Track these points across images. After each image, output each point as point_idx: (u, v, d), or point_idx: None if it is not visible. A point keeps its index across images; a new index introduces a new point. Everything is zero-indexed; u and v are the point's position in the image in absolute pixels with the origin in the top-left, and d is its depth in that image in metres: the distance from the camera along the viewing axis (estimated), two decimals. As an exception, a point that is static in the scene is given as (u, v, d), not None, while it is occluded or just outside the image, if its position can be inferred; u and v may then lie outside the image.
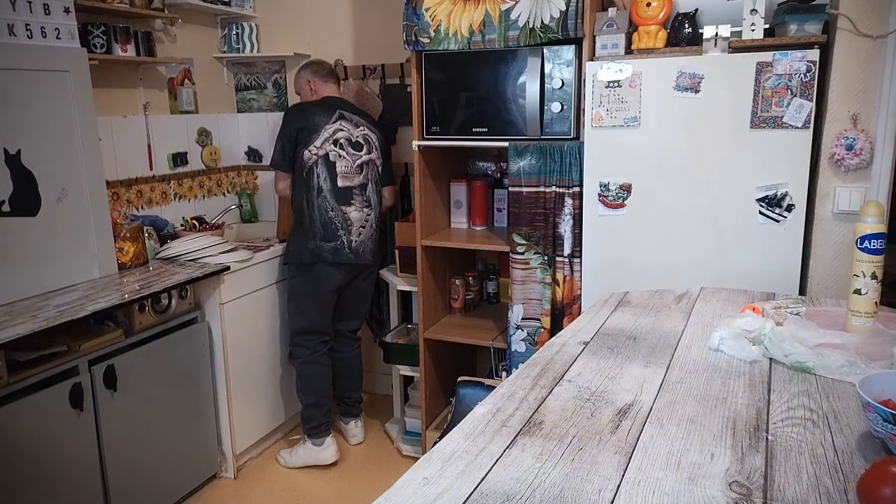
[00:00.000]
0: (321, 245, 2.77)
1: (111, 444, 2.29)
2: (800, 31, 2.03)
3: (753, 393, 1.20)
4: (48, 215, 2.31)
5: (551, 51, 2.36)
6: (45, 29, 2.27)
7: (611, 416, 1.12)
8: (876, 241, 1.35)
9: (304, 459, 2.96)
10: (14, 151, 2.20)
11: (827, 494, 0.88)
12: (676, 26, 2.23)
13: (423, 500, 0.89)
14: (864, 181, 2.03)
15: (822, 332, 1.36)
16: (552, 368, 1.34)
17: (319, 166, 2.76)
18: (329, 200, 2.77)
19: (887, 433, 0.96)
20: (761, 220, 2.09)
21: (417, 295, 2.84)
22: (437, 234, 2.88)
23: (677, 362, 1.36)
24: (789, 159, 2.03)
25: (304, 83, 2.93)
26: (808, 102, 1.98)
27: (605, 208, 2.28)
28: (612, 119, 2.21)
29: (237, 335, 2.82)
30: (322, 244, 2.77)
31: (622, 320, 1.64)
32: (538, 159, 2.40)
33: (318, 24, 3.42)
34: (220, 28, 3.48)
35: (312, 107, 2.82)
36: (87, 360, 2.20)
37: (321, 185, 2.76)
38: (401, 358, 3.04)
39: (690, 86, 2.10)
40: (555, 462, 0.98)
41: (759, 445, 1.01)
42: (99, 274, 2.51)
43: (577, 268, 2.41)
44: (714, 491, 0.89)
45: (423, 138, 2.64)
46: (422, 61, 2.56)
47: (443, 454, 1.02)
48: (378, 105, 3.35)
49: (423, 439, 2.92)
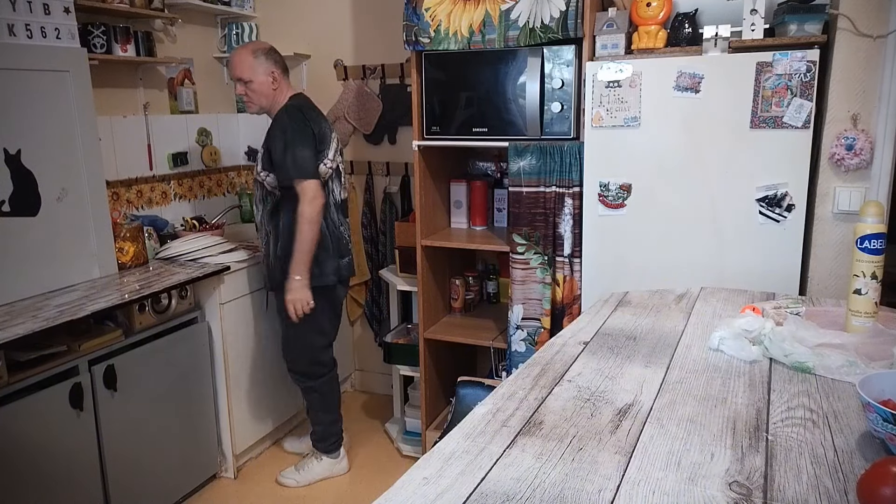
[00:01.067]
0: (339, 263, 2.63)
1: (111, 444, 2.29)
2: (800, 31, 2.03)
3: (753, 393, 1.20)
4: (48, 215, 2.31)
5: (551, 51, 2.36)
6: (45, 29, 2.27)
7: (611, 416, 1.12)
8: (876, 241, 1.35)
9: (319, 475, 2.84)
10: (14, 151, 2.19)
11: (827, 494, 0.88)
12: (676, 26, 2.23)
13: (423, 500, 0.89)
14: (864, 181, 2.03)
15: (822, 332, 1.36)
16: (552, 368, 1.34)
17: (334, 180, 2.59)
18: (338, 215, 2.64)
19: (887, 433, 0.96)
20: (761, 220, 2.08)
21: (417, 295, 2.84)
22: (437, 234, 2.88)
23: (677, 362, 1.36)
24: (789, 159, 2.03)
25: (267, 73, 2.49)
26: (808, 102, 1.98)
27: (605, 208, 2.28)
28: (612, 119, 2.21)
29: (237, 335, 2.82)
30: (340, 262, 2.63)
31: (622, 320, 1.64)
32: (538, 159, 2.40)
33: (318, 24, 3.42)
34: (220, 28, 3.48)
35: (313, 111, 2.57)
36: (87, 360, 2.20)
37: (335, 199, 2.60)
38: (401, 358, 3.04)
39: (690, 86, 2.10)
40: (555, 462, 0.98)
41: (759, 445, 1.01)
42: (99, 274, 2.51)
43: (577, 268, 2.41)
44: (714, 491, 0.89)
45: (423, 138, 2.64)
46: (422, 61, 2.56)
47: (443, 454, 1.02)
48: (378, 105, 3.35)
49: (423, 439, 2.92)
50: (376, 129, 3.38)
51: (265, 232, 2.59)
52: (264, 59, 2.49)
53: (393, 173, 3.40)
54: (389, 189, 3.42)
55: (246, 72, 2.47)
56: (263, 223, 2.59)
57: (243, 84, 2.49)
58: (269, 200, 2.55)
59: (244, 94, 2.50)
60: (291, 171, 2.41)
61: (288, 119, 2.45)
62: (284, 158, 2.41)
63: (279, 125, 2.45)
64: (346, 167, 2.75)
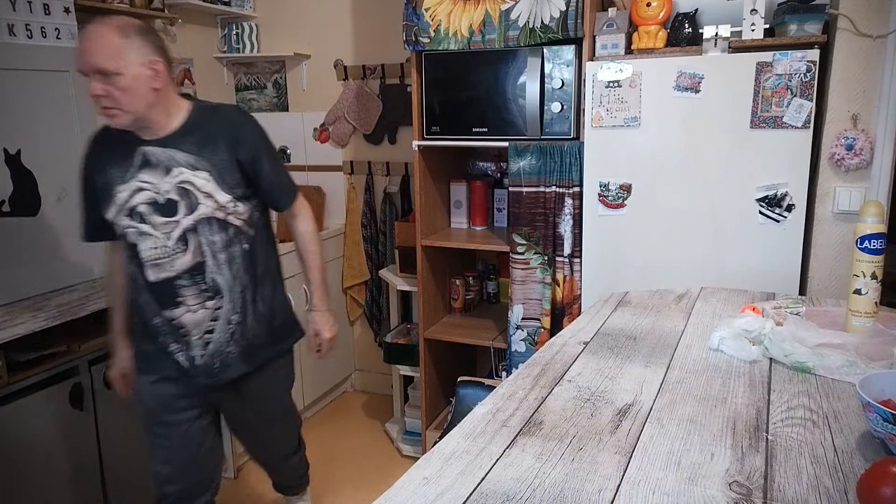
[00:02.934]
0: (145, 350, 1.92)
1: (111, 444, 2.29)
2: (800, 31, 2.03)
3: (753, 393, 1.20)
4: (48, 215, 2.31)
5: (551, 51, 2.36)
6: (45, 29, 2.27)
7: (611, 416, 1.12)
8: (876, 241, 1.35)
9: None
10: (14, 151, 2.20)
11: (827, 494, 0.88)
12: (676, 26, 2.23)
13: (423, 500, 0.89)
14: (864, 181, 2.03)
15: (822, 332, 1.36)
16: (552, 368, 1.34)
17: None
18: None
19: (887, 433, 0.96)
20: (761, 219, 2.08)
21: (417, 295, 2.84)
22: (437, 234, 2.88)
23: (677, 362, 1.36)
24: (789, 159, 2.03)
25: (152, 64, 1.61)
26: (808, 102, 1.98)
27: (605, 208, 2.28)
28: (612, 119, 2.21)
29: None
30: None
31: (622, 320, 1.64)
32: (538, 159, 2.40)
33: (318, 24, 3.42)
34: (220, 28, 3.48)
35: None
36: (87, 360, 2.20)
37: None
38: (401, 358, 3.04)
39: (690, 86, 2.10)
40: (555, 462, 0.98)
41: (759, 445, 1.01)
42: (99, 274, 2.50)
43: (577, 268, 2.41)
44: (714, 491, 0.89)
45: (423, 138, 2.64)
46: (422, 61, 2.56)
47: (443, 454, 1.02)
48: (378, 105, 3.35)
49: (423, 439, 2.92)
50: (376, 129, 3.38)
51: (240, 288, 1.77)
52: (143, 39, 1.59)
53: (393, 173, 3.40)
54: (389, 189, 3.42)
55: (112, 60, 1.53)
56: (238, 277, 1.76)
57: (104, 78, 1.54)
58: (243, 240, 1.76)
59: (104, 94, 1.56)
60: (292, 185, 1.91)
61: (249, 116, 1.80)
62: (280, 169, 1.85)
63: (247, 127, 1.76)
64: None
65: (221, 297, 1.75)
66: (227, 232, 1.72)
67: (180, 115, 1.69)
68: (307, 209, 1.95)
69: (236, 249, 1.75)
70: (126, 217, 1.68)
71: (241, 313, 1.79)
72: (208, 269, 1.71)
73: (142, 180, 1.66)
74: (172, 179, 1.66)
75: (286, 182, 1.88)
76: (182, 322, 1.74)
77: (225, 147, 1.70)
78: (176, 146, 1.67)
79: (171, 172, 1.66)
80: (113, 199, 1.68)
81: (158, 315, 1.74)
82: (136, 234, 1.69)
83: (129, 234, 1.69)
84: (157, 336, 1.77)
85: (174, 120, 1.68)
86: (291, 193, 1.90)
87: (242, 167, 1.72)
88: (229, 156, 1.70)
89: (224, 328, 1.77)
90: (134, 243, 1.70)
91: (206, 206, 1.68)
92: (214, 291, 1.73)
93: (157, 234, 1.68)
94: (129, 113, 1.59)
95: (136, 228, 1.68)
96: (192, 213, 1.67)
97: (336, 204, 3.57)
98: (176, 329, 1.75)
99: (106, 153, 1.69)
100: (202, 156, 1.68)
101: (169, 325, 1.75)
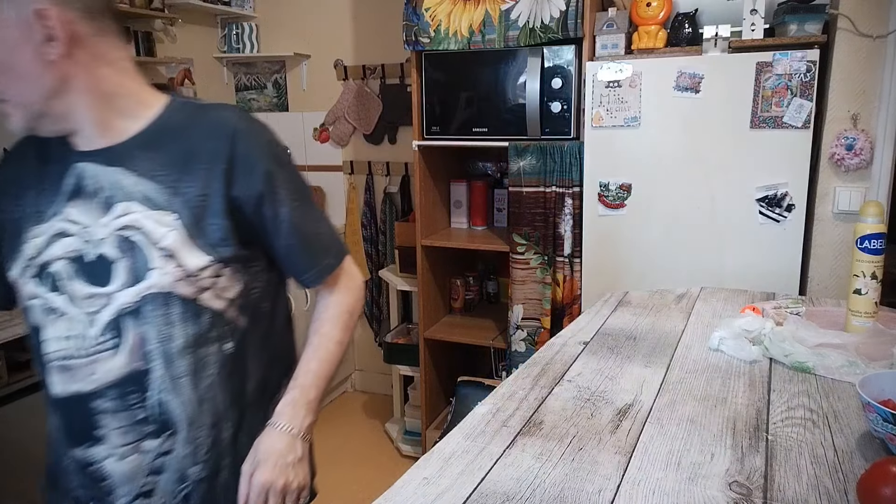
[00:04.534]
0: None
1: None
2: (800, 31, 2.03)
3: (753, 393, 1.20)
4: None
5: (551, 51, 2.36)
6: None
7: (611, 416, 1.12)
8: (876, 241, 1.35)
9: None
10: (14, 151, 2.18)
11: (827, 494, 0.88)
12: (676, 26, 2.23)
13: (423, 500, 0.89)
14: (864, 181, 2.03)
15: (822, 332, 1.36)
16: (552, 368, 1.34)
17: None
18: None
19: (887, 433, 0.96)
20: (761, 220, 2.08)
21: (417, 295, 2.84)
22: (437, 234, 2.88)
23: (677, 362, 1.36)
24: (789, 159, 2.03)
25: (40, 18, 0.90)
26: (808, 102, 1.98)
27: (605, 208, 2.28)
28: (612, 119, 2.21)
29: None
30: None
31: (622, 320, 1.64)
32: (538, 159, 2.40)
33: (318, 24, 3.42)
34: (220, 28, 3.48)
35: None
36: (87, 360, 2.20)
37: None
38: (401, 358, 3.04)
39: (690, 86, 2.10)
40: (555, 462, 0.98)
41: (759, 445, 1.01)
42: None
43: (577, 268, 2.41)
44: (714, 491, 0.89)
45: (423, 138, 2.64)
46: (422, 61, 2.56)
47: (443, 454, 1.01)
48: (378, 105, 3.35)
49: (423, 439, 2.92)
50: (376, 129, 3.39)
51: (211, 420, 1.04)
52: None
53: (393, 173, 3.40)
54: (389, 189, 3.42)
55: None
56: (207, 400, 1.03)
57: None
58: (225, 337, 1.04)
59: None
60: (335, 241, 1.15)
61: (255, 124, 1.07)
62: (311, 212, 1.11)
63: (250, 141, 1.03)
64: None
65: (172, 435, 1.02)
66: (198, 321, 1.00)
67: (144, 115, 1.02)
68: (355, 280, 1.18)
69: (211, 352, 1.03)
70: (32, 280, 1.01)
71: (207, 464, 1.05)
72: (153, 385, 0.99)
73: (68, 219, 0.99)
74: (112, 221, 0.98)
75: (325, 236, 1.13)
76: (103, 472, 1.02)
77: (209, 173, 0.99)
78: (127, 163, 0.99)
79: (113, 210, 0.98)
80: (20, 249, 1.02)
81: (67, 454, 1.04)
82: (42, 312, 1.02)
83: (33, 309, 1.03)
84: (68, 487, 1.07)
85: (132, 121, 1.01)
86: (332, 256, 1.13)
87: (240, 209, 1.02)
88: (217, 188, 0.99)
89: (173, 489, 1.04)
90: (36, 326, 1.03)
91: (161, 274, 0.97)
92: (160, 424, 1.01)
93: (75, 314, 0.99)
94: (19, 105, 0.96)
95: (43, 301, 1.01)
96: (135, 282, 0.97)
97: (336, 204, 3.57)
98: (94, 482, 1.03)
99: (23, 173, 1.04)
100: (168, 184, 0.99)
101: (82, 474, 1.04)
